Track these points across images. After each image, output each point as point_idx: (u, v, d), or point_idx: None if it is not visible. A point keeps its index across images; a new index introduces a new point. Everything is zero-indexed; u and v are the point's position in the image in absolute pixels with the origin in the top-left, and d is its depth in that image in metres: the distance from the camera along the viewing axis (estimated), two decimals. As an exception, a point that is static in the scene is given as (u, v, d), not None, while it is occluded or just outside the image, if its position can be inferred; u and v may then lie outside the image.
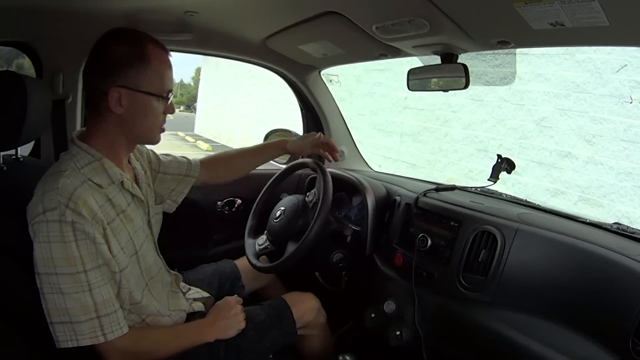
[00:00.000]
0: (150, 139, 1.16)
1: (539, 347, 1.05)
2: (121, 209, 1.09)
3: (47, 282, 0.95)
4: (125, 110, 1.05)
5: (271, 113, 10.42)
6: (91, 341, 0.98)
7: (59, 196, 0.95)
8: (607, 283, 1.01)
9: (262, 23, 1.55)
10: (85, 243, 0.97)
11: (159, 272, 1.26)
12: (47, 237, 0.94)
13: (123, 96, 1.04)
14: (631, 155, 4.06)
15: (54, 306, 0.95)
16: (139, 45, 1.06)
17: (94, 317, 0.98)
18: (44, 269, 0.95)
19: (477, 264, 1.26)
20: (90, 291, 0.97)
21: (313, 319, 1.46)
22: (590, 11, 0.91)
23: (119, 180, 1.10)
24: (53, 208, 0.94)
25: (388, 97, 6.87)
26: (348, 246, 1.61)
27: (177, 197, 1.42)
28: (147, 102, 1.08)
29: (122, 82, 1.03)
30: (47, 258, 0.94)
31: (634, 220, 3.95)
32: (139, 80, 1.05)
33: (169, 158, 1.42)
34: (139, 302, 1.13)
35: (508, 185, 4.70)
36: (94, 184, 1.03)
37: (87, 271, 0.97)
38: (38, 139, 1.62)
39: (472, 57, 1.41)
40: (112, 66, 1.03)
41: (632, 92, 4.02)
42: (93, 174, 1.04)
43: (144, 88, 1.06)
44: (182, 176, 1.41)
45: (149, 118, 1.10)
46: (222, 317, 1.24)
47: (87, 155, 1.06)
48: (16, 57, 2.41)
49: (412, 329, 1.38)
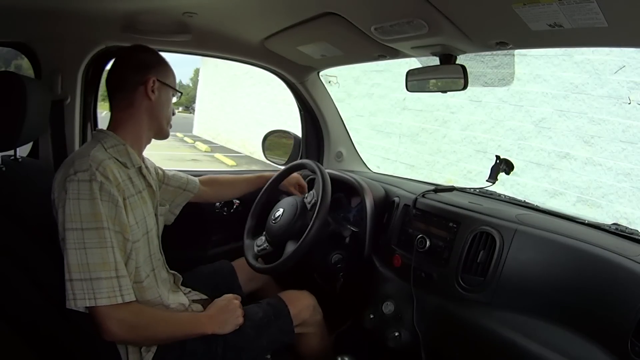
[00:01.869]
0: (165, 130, 1.33)
1: (538, 347, 1.05)
2: (138, 189, 1.22)
3: (72, 237, 1.01)
4: (156, 99, 1.25)
5: (270, 114, 10.42)
6: (108, 300, 1.01)
7: (91, 161, 1.07)
8: (605, 284, 1.01)
9: (261, 24, 1.55)
10: (109, 204, 1.06)
11: (158, 264, 1.30)
12: (77, 194, 1.03)
13: (155, 86, 1.24)
14: (629, 156, 4.07)
15: (75, 262, 1.00)
16: (159, 55, 1.31)
17: (114, 276, 1.03)
18: (70, 224, 1.01)
19: (476, 265, 1.26)
20: (112, 248, 1.04)
21: (309, 317, 1.47)
22: (588, 12, 0.91)
23: (138, 164, 1.24)
24: (85, 170, 1.05)
25: (386, 98, 6.89)
26: (347, 247, 1.61)
27: (175, 209, 1.56)
28: (169, 95, 1.31)
29: (154, 74, 1.25)
30: (75, 214, 1.02)
31: (632, 221, 3.96)
32: (166, 76, 1.28)
33: (171, 173, 1.57)
34: (142, 282, 1.18)
35: (507, 186, 4.71)
36: (119, 162, 1.18)
37: (111, 230, 1.05)
38: (36, 140, 1.62)
39: (470, 58, 1.41)
40: (146, 64, 1.25)
41: (631, 93, 4.03)
42: (118, 154, 1.19)
43: (168, 82, 1.29)
44: (181, 190, 1.56)
45: (168, 109, 1.31)
46: (220, 311, 1.26)
47: (113, 139, 1.20)
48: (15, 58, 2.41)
49: (410, 330, 1.38)
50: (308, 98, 2.12)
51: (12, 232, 1.04)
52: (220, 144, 13.59)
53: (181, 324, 1.19)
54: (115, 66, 1.27)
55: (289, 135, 2.21)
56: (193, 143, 14.53)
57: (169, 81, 1.29)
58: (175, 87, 1.33)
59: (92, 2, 1.35)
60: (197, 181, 1.62)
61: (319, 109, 2.15)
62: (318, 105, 2.14)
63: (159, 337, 1.15)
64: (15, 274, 1.02)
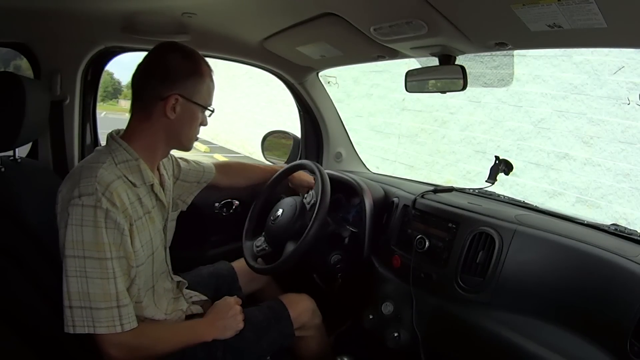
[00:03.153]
0: (188, 146, 1.23)
1: (537, 348, 1.05)
2: (147, 209, 1.15)
3: (73, 265, 0.97)
4: (177, 117, 1.14)
5: (269, 114, 10.41)
6: (107, 330, 0.99)
7: (97, 184, 1.00)
8: (604, 284, 1.01)
9: (260, 25, 1.54)
10: (114, 232, 1.01)
11: (160, 277, 1.28)
12: (80, 220, 0.97)
13: (178, 103, 1.13)
14: (629, 156, 4.07)
15: (76, 290, 0.97)
16: (195, 61, 1.17)
17: (114, 306, 1.00)
18: (71, 251, 0.97)
19: (475, 266, 1.26)
20: (114, 279, 1.00)
21: (309, 320, 1.46)
22: (587, 13, 0.91)
23: (150, 182, 1.16)
24: (90, 194, 0.99)
25: (386, 98, 6.89)
26: (346, 248, 1.61)
27: (187, 198, 1.51)
28: (195, 112, 1.18)
29: (179, 90, 1.13)
30: (78, 241, 0.97)
31: (631, 221, 3.96)
32: (194, 92, 1.15)
33: (188, 166, 1.50)
34: (141, 302, 1.15)
35: (506, 187, 4.71)
36: (129, 181, 1.09)
37: (113, 259, 1.00)
38: (36, 140, 1.62)
39: (470, 58, 1.42)
40: (173, 75, 1.13)
41: (630, 93, 4.03)
42: (128, 172, 1.10)
43: (196, 99, 1.16)
44: (197, 182, 1.52)
45: (193, 127, 1.20)
46: (221, 317, 1.25)
47: (125, 154, 1.11)
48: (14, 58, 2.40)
49: (409, 331, 1.38)
50: (307, 98, 2.12)
51: (11, 233, 1.04)
52: (220, 144, 13.56)
53: (182, 335, 1.17)
54: (140, 68, 1.15)
55: (288, 135, 2.21)
56: (192, 143, 14.49)
57: (198, 97, 1.16)
58: (207, 104, 1.20)
59: (91, 2, 1.35)
60: (213, 168, 1.57)
61: (318, 110, 2.15)
62: (317, 105, 2.14)
63: (160, 353, 1.12)
64: (14, 275, 1.02)
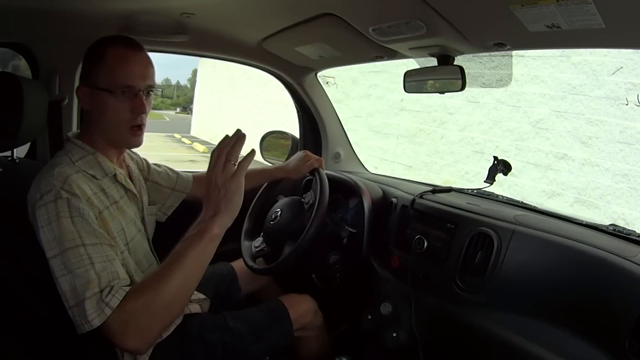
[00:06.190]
0: (119, 139, 1.15)
1: (536, 348, 1.05)
2: (114, 199, 1.13)
3: (57, 264, 0.95)
4: (92, 109, 1.13)
5: (267, 115, 10.42)
6: (100, 320, 0.90)
7: (55, 180, 0.98)
8: (603, 284, 1.01)
9: (259, 25, 1.54)
10: (80, 220, 0.97)
11: (149, 268, 1.22)
12: (47, 220, 0.96)
13: (87, 94, 1.11)
14: (627, 157, 4.08)
15: (68, 288, 0.93)
16: (100, 45, 1.11)
17: (97, 291, 0.92)
18: (50, 252, 0.95)
19: (474, 266, 1.26)
20: (92, 265, 0.94)
21: (310, 321, 1.46)
22: (586, 13, 0.91)
23: (112, 173, 1.14)
24: (49, 190, 0.97)
25: (384, 99, 6.89)
26: (344, 248, 1.61)
27: (167, 210, 1.50)
28: (102, 98, 1.10)
29: (84, 80, 1.13)
30: (51, 239, 0.95)
31: (630, 221, 3.97)
32: (95, 77, 1.10)
33: (159, 169, 1.49)
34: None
35: (504, 187, 4.71)
36: (88, 174, 1.08)
37: (86, 245, 0.95)
38: (34, 141, 1.62)
39: (468, 59, 1.42)
40: (85, 68, 1.13)
41: (628, 94, 4.04)
42: (87, 166, 1.09)
43: (98, 84, 1.09)
44: (171, 190, 1.49)
45: (109, 115, 1.11)
46: (215, 202, 1.01)
47: (81, 150, 1.11)
48: (12, 59, 2.40)
49: (408, 331, 1.38)
50: (306, 99, 2.12)
51: (10, 234, 1.03)
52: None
53: (185, 263, 0.98)
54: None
55: (286, 136, 2.20)
56: (191, 144, 14.52)
57: (99, 81, 1.08)
58: (111, 87, 1.08)
59: (90, 2, 1.35)
60: (190, 179, 1.53)
61: (317, 110, 2.15)
62: (316, 106, 2.14)
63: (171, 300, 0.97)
64: (13, 276, 1.02)
